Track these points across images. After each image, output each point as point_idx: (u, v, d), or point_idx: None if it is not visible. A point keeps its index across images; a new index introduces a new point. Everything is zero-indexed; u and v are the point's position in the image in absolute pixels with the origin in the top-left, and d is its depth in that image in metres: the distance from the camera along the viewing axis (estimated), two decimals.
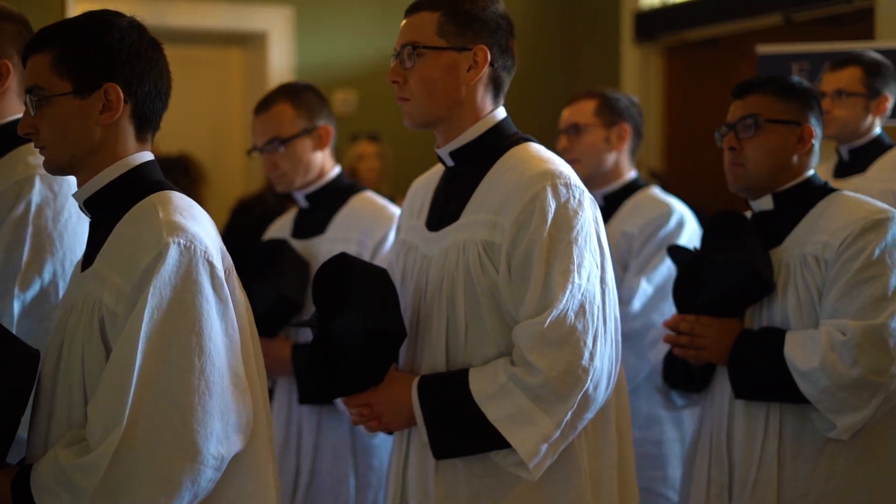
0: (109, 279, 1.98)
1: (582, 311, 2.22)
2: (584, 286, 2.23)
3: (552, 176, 2.27)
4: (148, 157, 2.11)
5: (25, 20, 2.64)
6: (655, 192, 3.66)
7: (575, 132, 3.58)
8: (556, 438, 2.23)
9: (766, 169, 2.69)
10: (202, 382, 1.91)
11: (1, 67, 2.57)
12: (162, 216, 1.98)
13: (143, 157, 2.10)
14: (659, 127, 6.88)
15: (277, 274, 3.12)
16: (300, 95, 3.22)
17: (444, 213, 2.41)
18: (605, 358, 2.26)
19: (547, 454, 2.24)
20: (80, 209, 2.14)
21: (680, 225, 3.52)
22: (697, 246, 2.88)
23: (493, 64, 2.35)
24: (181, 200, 2.05)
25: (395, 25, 2.45)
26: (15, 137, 2.41)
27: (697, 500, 2.77)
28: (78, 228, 2.47)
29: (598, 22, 7.19)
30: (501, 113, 2.41)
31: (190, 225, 1.99)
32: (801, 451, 2.61)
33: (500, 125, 2.39)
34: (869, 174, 3.89)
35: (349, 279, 2.33)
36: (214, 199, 6.50)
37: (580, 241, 2.24)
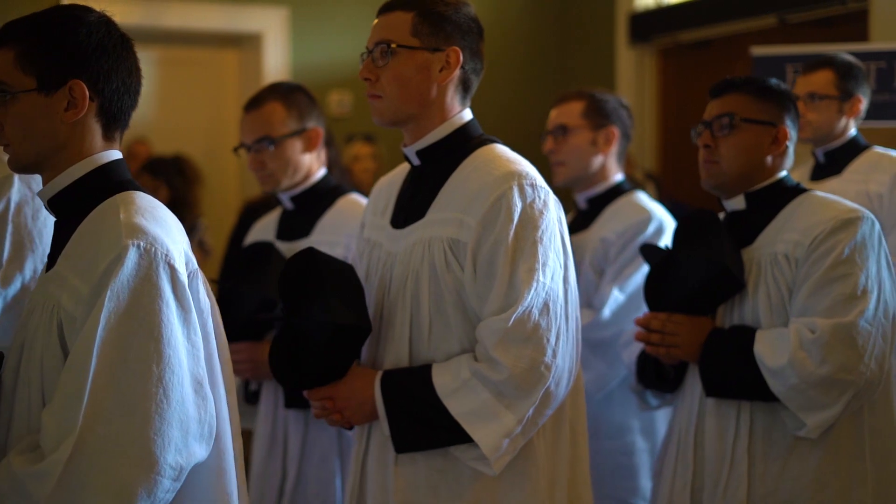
0: (69, 281, 1.92)
1: (546, 309, 2.27)
2: (548, 285, 2.28)
3: (518, 176, 2.31)
4: (115, 155, 2.04)
5: None
6: (638, 197, 3.59)
7: (562, 133, 3.53)
8: (517, 434, 2.28)
9: (739, 168, 2.71)
10: (160, 390, 1.85)
11: None
12: (123, 217, 1.91)
13: (109, 155, 2.03)
14: (653, 128, 6.89)
15: (263, 277, 3.07)
16: (292, 96, 3.18)
17: (409, 211, 2.45)
18: (566, 356, 2.31)
19: (508, 449, 2.28)
20: (45, 209, 2.09)
21: (658, 232, 3.46)
22: (669, 245, 2.88)
23: (464, 66, 2.40)
24: (145, 201, 1.99)
25: None
26: None
27: (663, 494, 2.80)
28: None
29: (592, 23, 7.20)
30: (468, 114, 2.46)
31: (151, 227, 1.92)
32: (771, 449, 2.62)
33: (466, 126, 2.44)
34: (845, 176, 3.89)
35: (316, 274, 2.36)
36: (210, 199, 6.50)
37: (545, 240, 2.30)
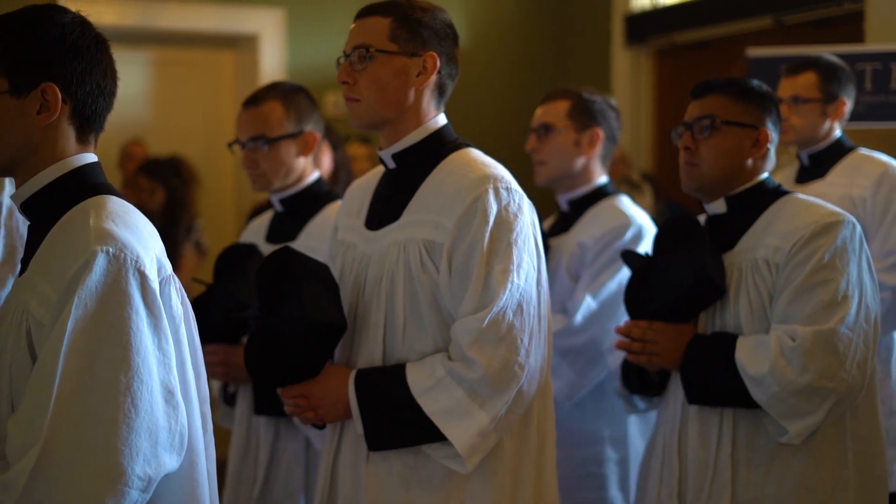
0: (38, 286, 1.88)
1: (520, 309, 2.32)
2: (522, 286, 2.32)
3: (494, 179, 2.35)
4: (90, 158, 2.00)
5: None
6: (620, 201, 3.50)
7: (545, 132, 3.47)
8: (490, 433, 2.31)
9: (719, 170, 2.68)
10: (128, 399, 1.81)
11: None
12: (92, 223, 1.88)
13: (84, 158, 1.99)
14: (650, 129, 6.89)
15: (241, 279, 3.03)
16: (292, 97, 3.14)
17: (384, 213, 2.48)
18: (538, 356, 2.36)
19: (481, 448, 2.31)
20: (18, 212, 2.04)
21: (636, 238, 3.38)
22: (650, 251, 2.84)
23: (440, 71, 2.44)
24: (117, 206, 1.95)
25: None
26: None
27: (650, 501, 2.77)
28: None
29: (588, 24, 7.20)
30: (443, 119, 2.50)
31: (121, 233, 1.88)
32: (754, 455, 2.60)
33: (442, 130, 2.48)
34: (828, 179, 3.86)
35: (292, 272, 2.38)
36: (206, 200, 6.50)
37: (520, 242, 2.33)
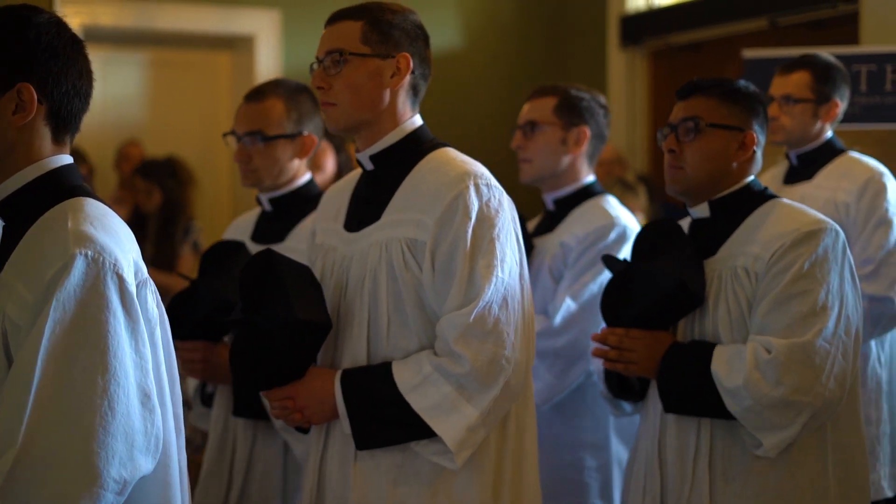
0: (15, 289, 1.86)
1: (505, 304, 2.33)
2: (506, 280, 2.34)
3: (474, 176, 2.37)
4: (65, 160, 2.00)
5: None
6: (606, 201, 3.41)
7: (531, 130, 3.38)
8: (479, 427, 2.32)
9: (704, 174, 2.61)
10: (105, 402, 1.81)
11: None
12: (70, 225, 1.87)
13: (59, 160, 1.98)
14: (645, 130, 6.90)
15: (227, 276, 2.97)
16: (295, 97, 3.09)
17: (364, 214, 2.49)
18: (523, 350, 2.36)
19: (470, 443, 2.32)
20: None
21: (620, 239, 3.28)
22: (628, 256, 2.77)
23: (413, 71, 2.45)
24: (95, 209, 1.94)
25: None
26: None
27: None
28: None
29: (584, 25, 7.21)
30: (419, 120, 2.51)
31: (100, 236, 1.88)
32: (731, 467, 2.55)
33: (418, 131, 2.49)
34: (815, 181, 3.80)
35: (275, 274, 2.39)
36: (203, 201, 6.50)
37: (502, 237, 2.35)
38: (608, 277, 2.94)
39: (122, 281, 1.87)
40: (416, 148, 2.47)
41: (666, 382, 2.58)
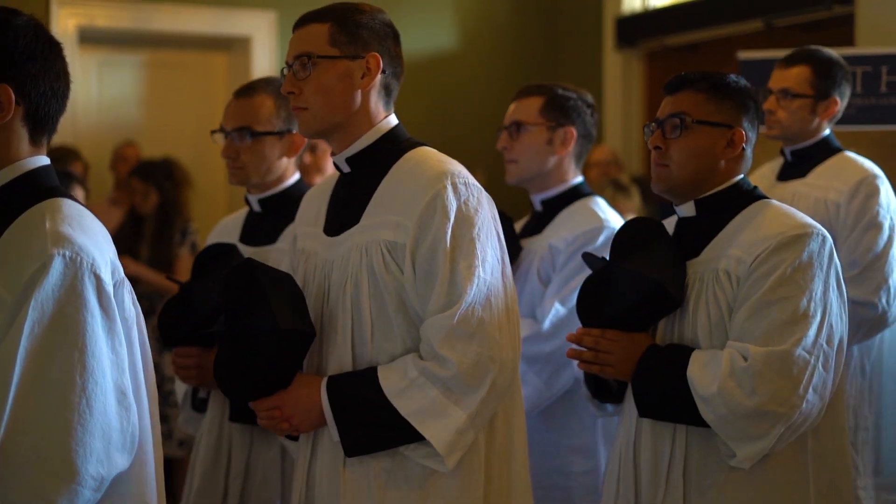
0: None
1: (488, 303, 2.31)
2: (488, 280, 2.32)
3: (451, 175, 2.35)
4: (42, 161, 2.01)
5: None
6: (595, 203, 3.36)
7: (516, 130, 3.32)
8: (467, 429, 2.30)
9: (690, 172, 2.50)
10: (83, 400, 1.84)
11: None
12: (48, 226, 1.89)
13: (36, 161, 2.00)
14: (640, 131, 6.91)
15: (216, 282, 2.89)
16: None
17: (343, 217, 2.47)
18: (509, 349, 2.35)
19: (460, 445, 2.31)
20: None
21: (609, 243, 3.08)
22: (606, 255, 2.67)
23: (384, 71, 2.42)
24: (72, 209, 1.96)
25: None
26: None
27: None
28: None
29: (580, 27, 7.22)
30: (394, 119, 2.48)
31: (77, 236, 1.90)
32: (706, 477, 2.45)
33: (394, 131, 2.47)
34: (808, 180, 3.71)
35: (256, 284, 2.37)
36: (199, 202, 6.50)
37: (482, 236, 2.33)
38: None
39: (99, 281, 1.89)
40: (392, 148, 2.45)
41: (641, 386, 2.48)
